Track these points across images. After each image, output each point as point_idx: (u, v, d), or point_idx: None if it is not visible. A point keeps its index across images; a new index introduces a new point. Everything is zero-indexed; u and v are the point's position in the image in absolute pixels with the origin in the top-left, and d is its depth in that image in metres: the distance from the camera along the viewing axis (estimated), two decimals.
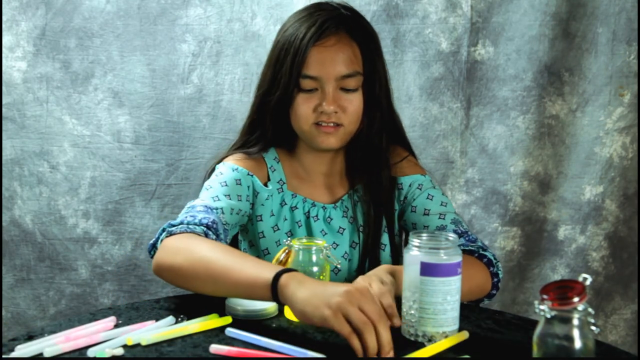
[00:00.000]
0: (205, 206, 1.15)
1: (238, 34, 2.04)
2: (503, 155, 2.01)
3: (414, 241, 0.95)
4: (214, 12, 2.04)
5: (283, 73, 1.18)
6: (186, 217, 1.11)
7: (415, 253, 0.95)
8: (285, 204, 1.26)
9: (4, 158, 2.12)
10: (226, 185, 1.21)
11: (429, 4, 1.97)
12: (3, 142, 2.11)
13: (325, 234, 1.27)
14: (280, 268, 0.95)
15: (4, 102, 2.10)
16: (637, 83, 1.94)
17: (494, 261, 1.19)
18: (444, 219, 1.24)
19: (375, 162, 1.27)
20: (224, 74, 2.05)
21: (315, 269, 1.04)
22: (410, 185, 1.29)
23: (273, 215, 1.26)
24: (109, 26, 2.06)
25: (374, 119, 1.24)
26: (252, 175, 1.25)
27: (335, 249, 1.26)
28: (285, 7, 2.01)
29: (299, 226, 1.27)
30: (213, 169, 1.28)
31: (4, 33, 2.07)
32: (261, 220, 1.26)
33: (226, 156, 1.29)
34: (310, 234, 1.27)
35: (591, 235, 2.01)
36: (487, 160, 2.02)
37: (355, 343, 0.84)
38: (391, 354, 0.86)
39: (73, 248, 2.14)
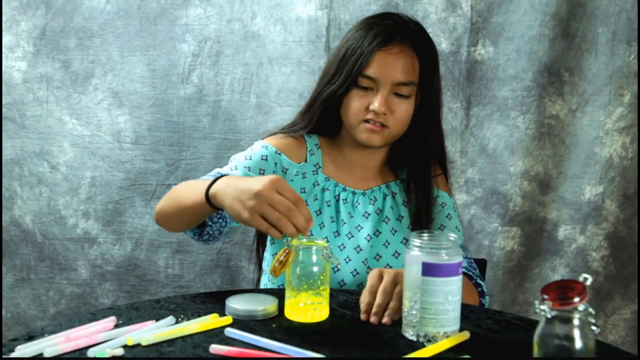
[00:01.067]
0: (219, 172, 1.26)
1: (238, 34, 2.04)
2: (503, 155, 2.01)
3: (415, 241, 0.95)
4: (214, 12, 2.04)
5: (346, 69, 1.27)
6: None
7: (416, 253, 0.95)
8: (318, 184, 1.35)
9: (4, 158, 2.12)
10: (250, 159, 1.30)
11: (429, 4, 1.97)
12: (3, 142, 2.11)
13: (352, 216, 1.34)
14: (211, 180, 1.07)
15: (4, 102, 2.10)
16: (637, 83, 1.94)
17: (485, 293, 1.29)
18: None
19: (427, 174, 1.36)
20: (224, 74, 2.05)
21: (315, 268, 1.04)
22: (436, 197, 1.38)
23: (304, 192, 1.34)
24: (109, 26, 2.06)
25: (420, 127, 1.33)
26: (279, 154, 1.32)
27: (359, 231, 1.33)
28: (285, 7, 2.01)
29: (328, 206, 1.34)
30: (267, 135, 1.38)
31: (4, 33, 2.07)
32: None
33: (271, 134, 1.38)
34: (337, 215, 1.34)
35: (591, 235, 2.01)
36: (487, 160, 2.02)
37: (274, 233, 0.97)
38: (311, 225, 0.99)
39: (73, 248, 2.14)
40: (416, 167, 1.37)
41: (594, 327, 0.76)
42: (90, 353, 0.88)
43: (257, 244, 1.45)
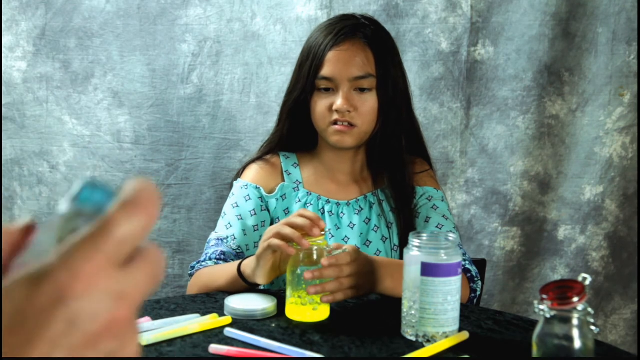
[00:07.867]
0: (218, 239, 1.30)
1: (238, 34, 2.03)
2: (503, 155, 2.01)
3: (414, 241, 0.95)
4: (214, 12, 2.03)
5: (304, 74, 1.30)
6: (202, 256, 1.29)
7: (415, 253, 0.95)
8: (299, 201, 1.35)
9: (4, 158, 2.12)
10: (237, 206, 1.34)
11: (429, 4, 1.97)
12: (3, 142, 2.11)
13: (339, 228, 1.34)
14: (238, 262, 1.15)
15: (4, 102, 2.10)
16: (637, 83, 1.93)
17: (476, 278, 1.26)
18: (440, 229, 1.31)
19: (396, 164, 1.34)
20: (224, 74, 2.05)
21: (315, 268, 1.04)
22: (422, 195, 1.36)
23: (288, 212, 1.35)
24: (109, 26, 2.06)
25: (389, 120, 1.31)
26: (259, 188, 1.35)
27: (346, 242, 1.33)
28: (285, 7, 2.01)
29: None
30: (244, 168, 1.40)
31: (4, 33, 2.07)
32: (279, 220, 1.34)
33: (254, 159, 1.41)
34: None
35: (591, 235, 2.01)
36: (487, 160, 2.02)
37: (288, 249, 1.02)
38: (306, 215, 1.04)
39: None
40: (394, 168, 1.35)
41: (593, 327, 0.76)
42: None
43: None
